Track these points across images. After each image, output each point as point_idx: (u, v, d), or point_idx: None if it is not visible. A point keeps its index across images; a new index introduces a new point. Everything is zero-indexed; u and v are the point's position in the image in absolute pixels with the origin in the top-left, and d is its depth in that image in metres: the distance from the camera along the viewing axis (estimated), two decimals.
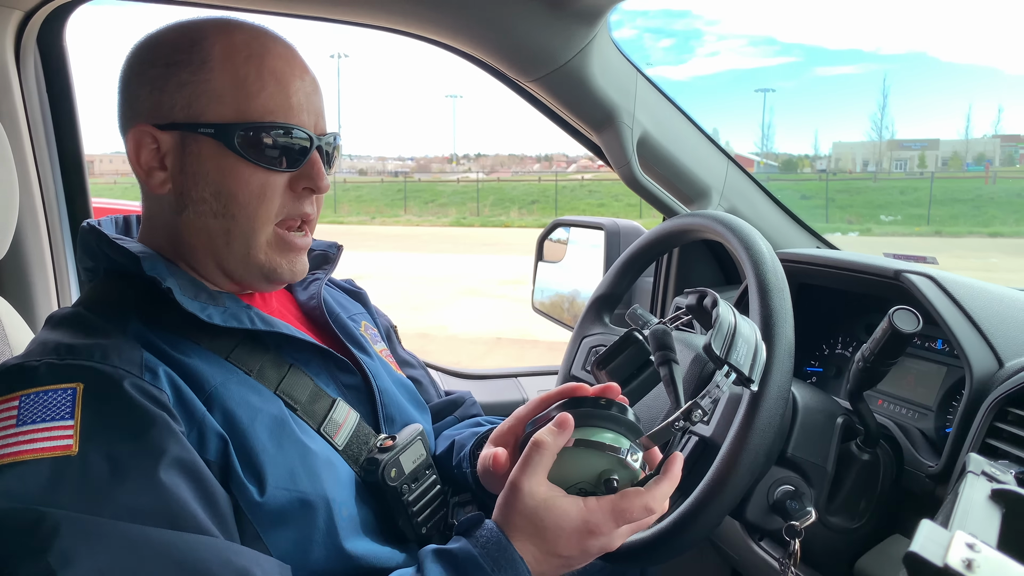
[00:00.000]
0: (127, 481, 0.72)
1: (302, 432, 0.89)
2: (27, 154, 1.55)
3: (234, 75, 0.87)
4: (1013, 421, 0.98)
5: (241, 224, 0.90)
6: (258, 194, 0.89)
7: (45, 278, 1.60)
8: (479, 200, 36.07)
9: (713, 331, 0.87)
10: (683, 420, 0.83)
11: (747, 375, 0.85)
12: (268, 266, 0.93)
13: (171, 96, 0.88)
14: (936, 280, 1.17)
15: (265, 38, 0.91)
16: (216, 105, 0.87)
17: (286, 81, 0.89)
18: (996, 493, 0.59)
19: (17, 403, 0.74)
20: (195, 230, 0.91)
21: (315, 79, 0.95)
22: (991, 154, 47.04)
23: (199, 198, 0.89)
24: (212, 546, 0.73)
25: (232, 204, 0.89)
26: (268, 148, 0.88)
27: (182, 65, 0.88)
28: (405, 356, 1.27)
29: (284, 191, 0.91)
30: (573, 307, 2.04)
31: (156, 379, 0.80)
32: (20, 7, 1.47)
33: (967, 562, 0.43)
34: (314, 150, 0.92)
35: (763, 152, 54.22)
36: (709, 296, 1.01)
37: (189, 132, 0.88)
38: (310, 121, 0.91)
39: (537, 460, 0.80)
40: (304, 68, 0.93)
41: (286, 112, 0.89)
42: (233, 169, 0.88)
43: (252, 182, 0.89)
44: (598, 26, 1.46)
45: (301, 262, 0.96)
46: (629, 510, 0.79)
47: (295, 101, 0.90)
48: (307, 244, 0.96)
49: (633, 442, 0.83)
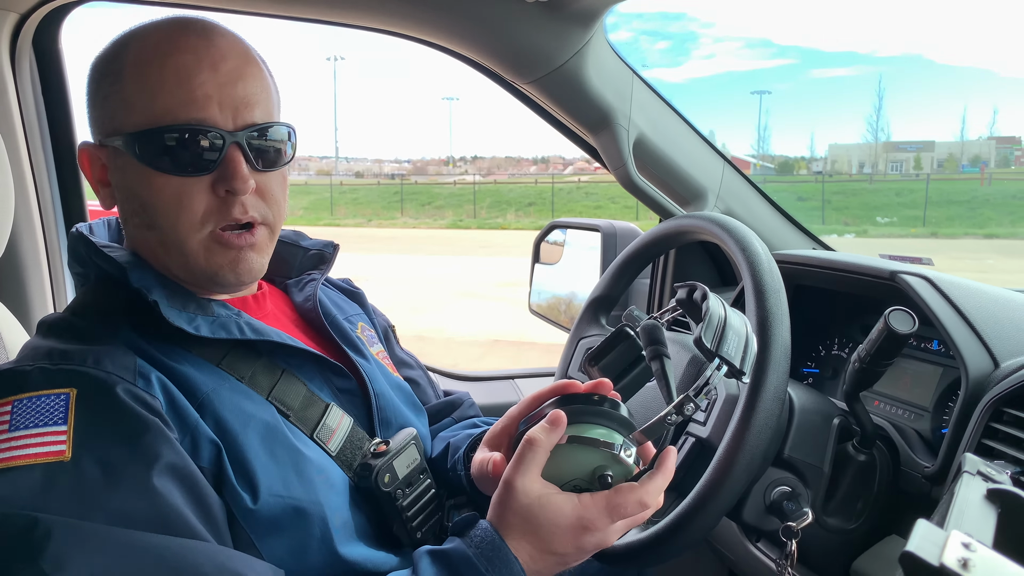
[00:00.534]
0: (120, 486, 0.72)
1: (295, 438, 0.88)
2: (22, 156, 1.55)
3: (141, 79, 0.84)
4: (1009, 421, 0.98)
5: (168, 234, 0.86)
6: (175, 203, 0.85)
7: (40, 281, 1.60)
8: (476, 202, 36.07)
9: (703, 324, 0.88)
10: (675, 414, 0.83)
11: (738, 367, 0.86)
12: (209, 269, 0.88)
13: (100, 111, 0.87)
14: (932, 281, 1.17)
15: (179, 33, 0.85)
16: (128, 114, 0.84)
17: (188, 75, 0.83)
18: (992, 493, 0.59)
19: (10, 408, 0.74)
20: (139, 243, 0.91)
21: (241, 67, 0.86)
22: (986, 156, 47.19)
23: (132, 211, 0.89)
24: (206, 550, 0.72)
25: (155, 215, 0.86)
26: (171, 153, 0.83)
27: (104, 78, 0.87)
28: (403, 356, 1.27)
29: (207, 195, 0.85)
30: (570, 309, 2.04)
31: (149, 385, 0.79)
32: (15, 9, 1.47)
33: (963, 561, 0.43)
34: (229, 147, 0.84)
35: (759, 154, 54.34)
36: (699, 290, 1.02)
37: (113, 146, 0.87)
38: (224, 114, 0.84)
39: (530, 458, 0.80)
40: (220, 57, 0.85)
41: (188, 108, 0.83)
42: (148, 179, 0.85)
43: (166, 191, 0.84)
44: (594, 28, 1.46)
45: (245, 261, 0.89)
46: (623, 505, 0.79)
47: (200, 94, 0.83)
48: (250, 243, 0.89)
49: (626, 437, 0.83)
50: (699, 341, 0.87)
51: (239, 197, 0.86)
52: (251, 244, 0.89)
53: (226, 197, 0.86)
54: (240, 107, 0.86)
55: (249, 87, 0.87)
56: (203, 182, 0.85)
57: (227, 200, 0.86)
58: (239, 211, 0.87)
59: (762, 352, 0.94)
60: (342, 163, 64.17)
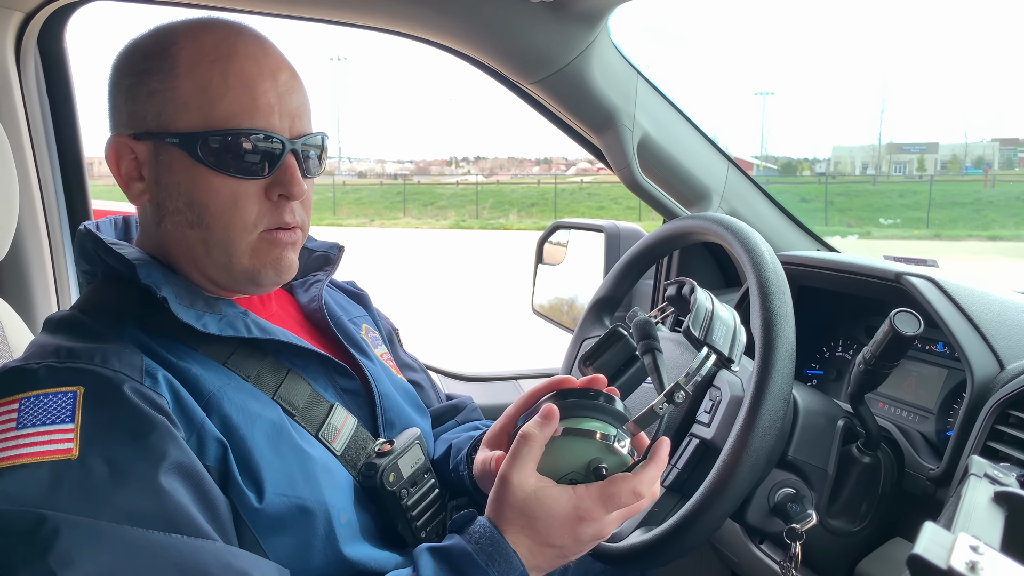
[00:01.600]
0: (127, 485, 0.72)
1: (300, 438, 0.88)
2: (27, 156, 1.55)
3: (199, 80, 0.84)
4: (1014, 424, 0.98)
5: (217, 234, 0.87)
6: (230, 204, 0.86)
7: (45, 280, 1.60)
8: (478, 203, 36.05)
9: (691, 315, 0.90)
10: (666, 402, 0.83)
11: (727, 355, 0.88)
12: (252, 270, 0.90)
13: (143, 105, 0.87)
14: (937, 283, 1.17)
15: (235, 38, 0.87)
16: (183, 113, 0.85)
17: (253, 82, 0.85)
18: (999, 495, 0.59)
19: (17, 406, 0.74)
20: (175, 240, 0.90)
21: (292, 78, 0.90)
22: (990, 157, 47.07)
23: (174, 209, 0.88)
24: (212, 549, 0.73)
25: (205, 214, 0.87)
26: (233, 155, 0.85)
27: (152, 73, 0.86)
28: (406, 359, 1.27)
29: (259, 199, 0.88)
30: (573, 310, 2.04)
31: (156, 384, 0.80)
32: (21, 8, 1.47)
33: (971, 564, 0.43)
34: (287, 154, 0.87)
35: (763, 155, 54.32)
36: (687, 284, 1.03)
37: (160, 142, 0.86)
38: (283, 123, 0.87)
39: (525, 452, 0.81)
40: (278, 67, 0.88)
41: (252, 115, 0.85)
42: (202, 179, 0.86)
43: (222, 191, 0.86)
44: (598, 28, 1.46)
45: (287, 259, 0.92)
46: (618, 495, 0.80)
47: (263, 103, 0.86)
48: (293, 240, 0.92)
49: (620, 429, 0.84)
50: (687, 331, 0.89)
51: (291, 203, 0.89)
52: (294, 242, 0.92)
53: (278, 201, 0.89)
54: (294, 117, 0.89)
55: (301, 98, 0.90)
56: (257, 185, 0.87)
57: (279, 204, 0.89)
58: (290, 216, 0.90)
59: (767, 353, 0.94)
60: (345, 163, 64.21)
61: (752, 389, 0.93)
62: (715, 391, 1.08)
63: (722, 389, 1.07)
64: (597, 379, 0.90)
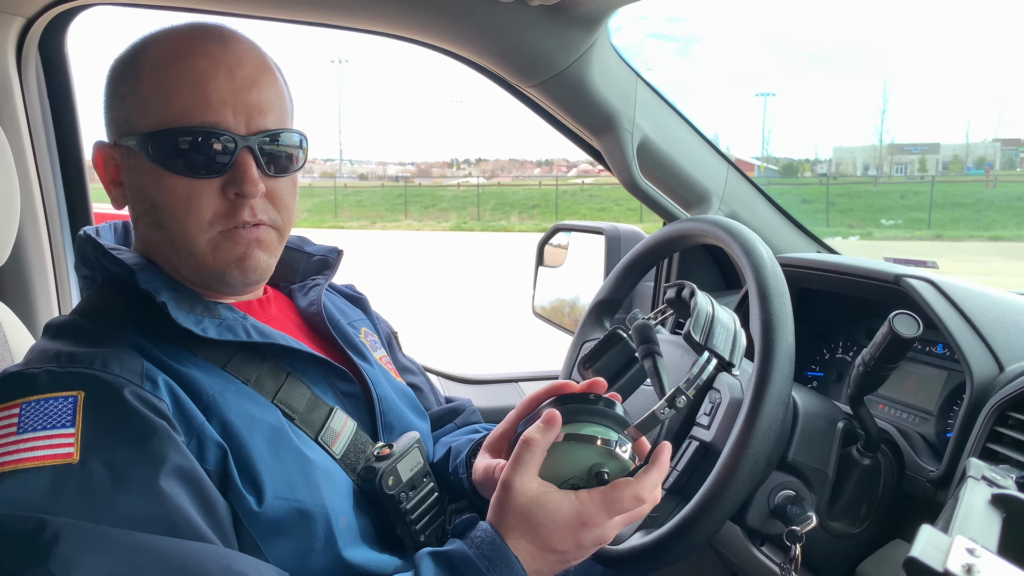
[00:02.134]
0: (128, 489, 0.72)
1: (300, 441, 0.89)
2: (28, 160, 1.55)
3: (158, 81, 0.85)
4: (1014, 426, 0.98)
5: (176, 234, 0.87)
6: (184, 203, 0.86)
7: (46, 284, 1.60)
8: (479, 205, 36.05)
9: (691, 319, 0.89)
10: (667, 407, 0.83)
11: (727, 359, 0.87)
12: (217, 268, 0.89)
13: (116, 112, 0.88)
14: (936, 284, 1.17)
15: (197, 38, 0.87)
16: (143, 115, 0.86)
17: (205, 79, 0.84)
18: (997, 498, 0.59)
19: (18, 411, 0.75)
20: (149, 243, 0.91)
21: (257, 72, 0.88)
22: (991, 158, 46.99)
23: (142, 211, 0.89)
24: (212, 553, 0.73)
25: (164, 215, 0.87)
26: (184, 155, 0.84)
27: (124, 79, 0.88)
28: (405, 363, 1.27)
29: (216, 197, 0.87)
30: (574, 312, 2.04)
31: (156, 388, 0.80)
32: (22, 13, 1.47)
33: (967, 567, 0.43)
34: (240, 151, 0.86)
35: (764, 156, 54.28)
36: (687, 287, 1.03)
37: (127, 146, 0.88)
38: (238, 119, 0.85)
39: (527, 458, 0.81)
40: (237, 62, 0.86)
41: (203, 112, 0.84)
42: (159, 180, 0.86)
43: (177, 191, 0.86)
44: (598, 32, 1.46)
45: (252, 258, 0.90)
46: (620, 500, 0.80)
47: (215, 98, 0.84)
48: (256, 236, 0.90)
49: (621, 434, 0.84)
50: (688, 335, 0.89)
51: (248, 200, 0.87)
52: (257, 239, 0.90)
53: (236, 200, 0.87)
54: (254, 113, 0.87)
55: (263, 94, 0.88)
56: (213, 184, 0.86)
57: (236, 203, 0.87)
58: (248, 214, 0.88)
59: (766, 355, 0.94)
60: (346, 165, 64.24)
61: (752, 391, 0.93)
62: (715, 393, 1.08)
63: (722, 391, 1.07)
64: (597, 383, 0.90)
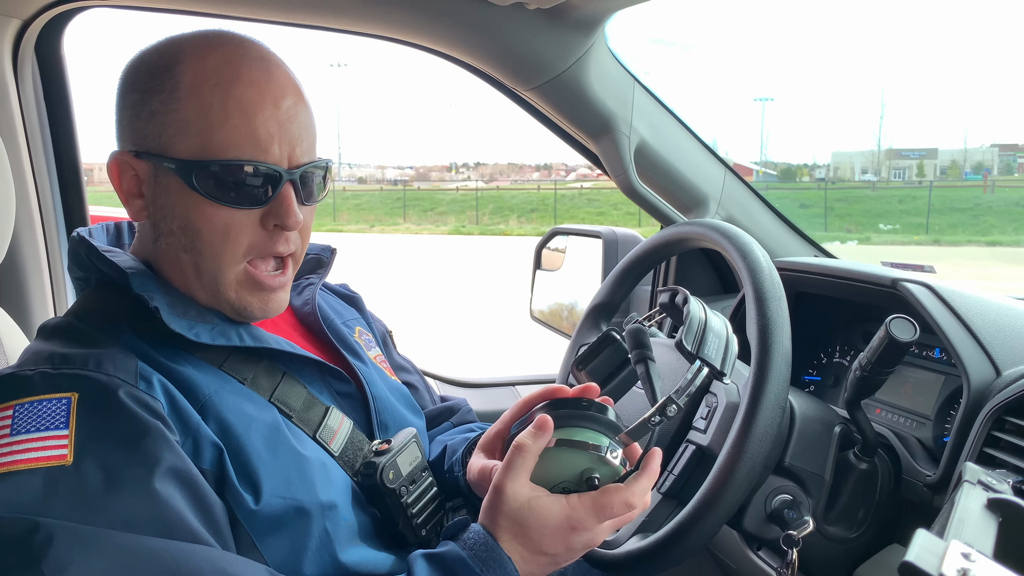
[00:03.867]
0: (122, 491, 0.72)
1: (297, 439, 0.89)
2: (24, 162, 1.55)
3: (200, 105, 0.83)
4: (1011, 430, 0.97)
5: (208, 262, 0.87)
6: (222, 232, 0.86)
7: (42, 286, 1.60)
8: (478, 208, 36.03)
9: (684, 327, 0.90)
10: (658, 415, 0.84)
11: (719, 368, 0.88)
12: (238, 304, 0.90)
13: (145, 125, 0.86)
14: (933, 289, 1.17)
15: (239, 61, 0.85)
16: (182, 137, 0.84)
17: (253, 111, 0.84)
18: (992, 502, 0.59)
19: (11, 413, 0.74)
20: (169, 260, 0.90)
21: (296, 103, 0.88)
22: (989, 163, 47.06)
23: (168, 231, 0.88)
24: (207, 555, 0.73)
25: (198, 240, 0.86)
26: (229, 186, 0.84)
27: (155, 92, 0.85)
28: (400, 361, 1.27)
29: (254, 228, 0.87)
30: (572, 316, 2.04)
31: (151, 388, 0.80)
32: (18, 15, 1.47)
33: (962, 572, 0.43)
34: (284, 185, 0.86)
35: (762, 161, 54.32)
36: (680, 294, 1.03)
37: (158, 164, 0.86)
38: (282, 153, 0.86)
39: (519, 463, 0.81)
40: (281, 93, 0.86)
41: (252, 146, 0.84)
42: (197, 206, 0.85)
43: (216, 220, 0.85)
44: (595, 35, 1.46)
45: (275, 300, 0.91)
46: (610, 506, 0.81)
47: (263, 133, 0.84)
48: (282, 283, 0.92)
49: (612, 439, 0.84)
50: (680, 344, 0.89)
51: (286, 232, 0.88)
52: (282, 286, 0.92)
53: (273, 231, 0.88)
54: (295, 145, 0.87)
55: (303, 125, 0.89)
56: (252, 215, 0.87)
57: (274, 234, 0.88)
58: (283, 246, 0.89)
59: (762, 359, 0.94)
60: (345, 169, 64.23)
61: (748, 395, 0.93)
62: (711, 397, 1.08)
63: (718, 395, 1.07)
64: (590, 388, 0.91)
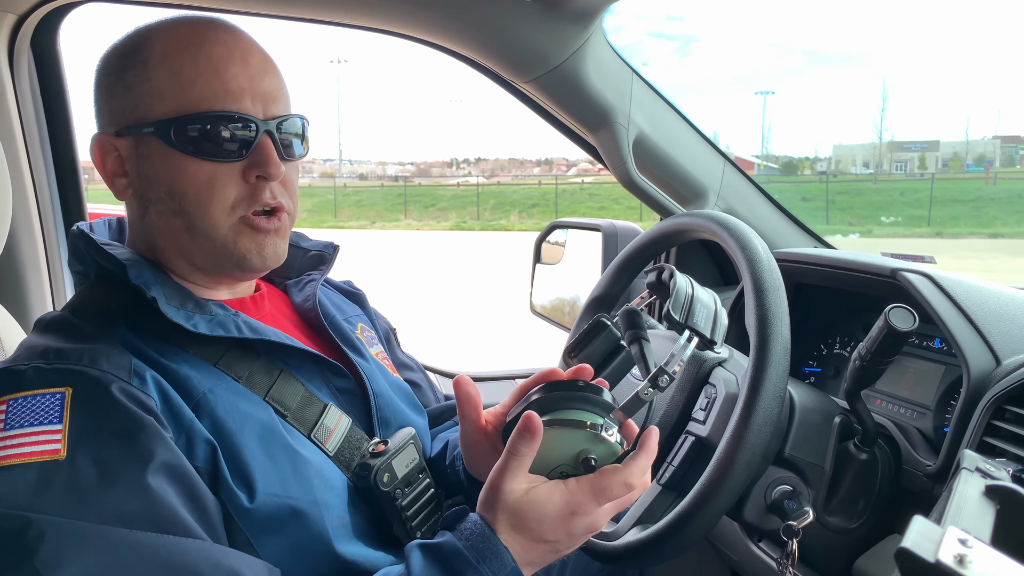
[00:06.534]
0: (116, 486, 0.72)
1: (292, 439, 0.88)
2: (21, 157, 1.55)
3: (171, 69, 0.86)
4: (1011, 419, 0.97)
5: (198, 220, 0.88)
6: (207, 187, 0.87)
7: (39, 281, 1.60)
8: (479, 204, 36.04)
9: (671, 299, 0.90)
10: (651, 387, 0.83)
11: (709, 337, 0.88)
12: (236, 253, 0.90)
13: (121, 101, 0.88)
14: (933, 278, 1.16)
15: (206, 28, 0.89)
16: (157, 103, 0.86)
17: (223, 66, 0.87)
18: (990, 489, 0.59)
19: (5, 407, 0.74)
20: (160, 231, 0.91)
21: (264, 62, 0.91)
22: (991, 155, 46.98)
23: (156, 198, 0.89)
24: (201, 549, 0.72)
25: (184, 201, 0.88)
26: (207, 139, 0.86)
27: (127, 68, 0.88)
28: (404, 359, 1.27)
29: (237, 181, 0.88)
30: (574, 310, 2.03)
31: (144, 384, 0.80)
32: (14, 10, 1.47)
33: (959, 558, 0.43)
34: (262, 135, 0.88)
35: (763, 154, 54.25)
36: (667, 270, 1.03)
37: (138, 134, 0.88)
38: (256, 106, 0.88)
39: (515, 465, 0.79)
40: (248, 51, 0.89)
41: (224, 98, 0.86)
42: (179, 165, 0.87)
43: (199, 176, 0.87)
44: (592, 27, 1.46)
45: (271, 245, 0.92)
46: (609, 487, 0.79)
47: (234, 86, 0.87)
48: (276, 227, 0.92)
49: (607, 418, 0.83)
50: (668, 314, 0.89)
51: (269, 183, 0.89)
52: (277, 228, 0.92)
53: (257, 183, 0.89)
54: (268, 99, 0.90)
55: (274, 82, 0.91)
56: (235, 168, 0.88)
57: (258, 186, 0.89)
58: (268, 196, 0.90)
59: (762, 349, 0.94)
60: (345, 165, 64.19)
61: (747, 386, 0.93)
62: (710, 388, 1.08)
63: (717, 386, 1.07)
64: (582, 369, 0.89)
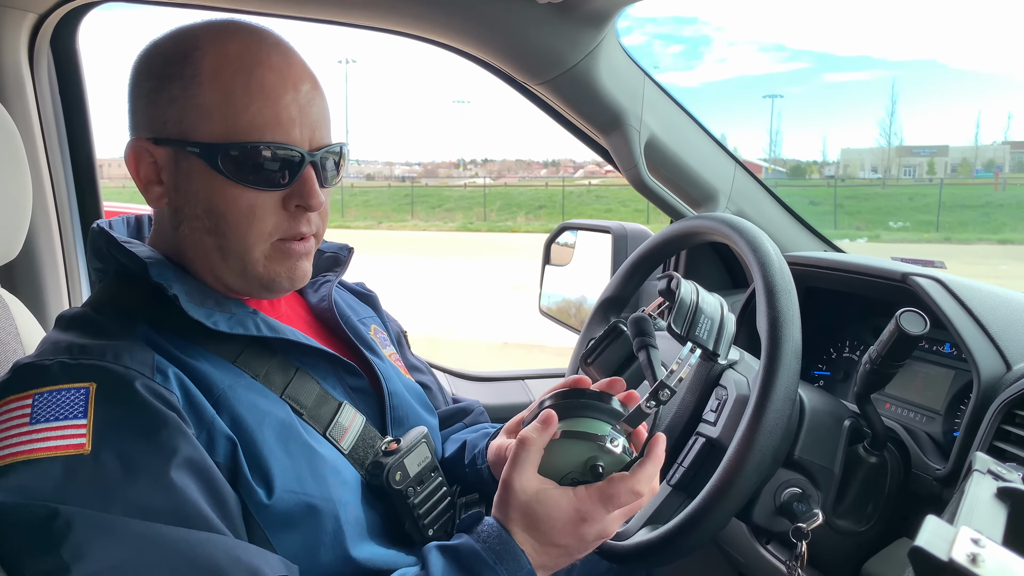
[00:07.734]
0: (139, 480, 0.73)
1: (309, 436, 0.89)
2: (40, 156, 1.56)
3: (222, 90, 0.84)
4: (1021, 424, 0.97)
5: (233, 243, 0.88)
6: (247, 214, 0.87)
7: (57, 278, 1.61)
8: (486, 205, 36.02)
9: (673, 311, 0.90)
10: (653, 401, 0.84)
11: (712, 349, 0.88)
12: (267, 277, 0.90)
13: (163, 111, 0.87)
14: (943, 283, 1.16)
15: (259, 47, 0.87)
16: (204, 122, 0.85)
17: (275, 95, 0.85)
18: (1002, 491, 0.59)
19: (31, 401, 0.75)
20: (191, 244, 0.91)
21: (313, 88, 0.90)
22: (1001, 160, 46.78)
23: (192, 215, 0.89)
24: (222, 544, 0.73)
25: (222, 223, 0.87)
26: (253, 168, 0.85)
27: (174, 79, 0.86)
28: (414, 362, 1.28)
29: (277, 209, 0.88)
30: (581, 312, 2.04)
31: (167, 381, 0.81)
32: (34, 10, 1.48)
33: (972, 557, 0.44)
34: (306, 167, 0.88)
35: (771, 158, 54.06)
36: (674, 279, 1.03)
37: (180, 149, 0.87)
38: (303, 135, 0.88)
39: (524, 456, 0.82)
40: (300, 78, 0.88)
41: (274, 129, 0.85)
42: (221, 189, 0.86)
43: (240, 202, 0.86)
44: (606, 30, 1.46)
45: (301, 268, 0.93)
46: (617, 495, 0.81)
47: (285, 116, 0.86)
48: (307, 250, 0.93)
49: (614, 427, 0.85)
50: (669, 327, 0.89)
51: (308, 213, 0.90)
52: (307, 252, 0.93)
53: (295, 212, 0.89)
54: (315, 129, 0.89)
55: (320, 109, 0.90)
56: (275, 196, 0.88)
57: (296, 215, 0.89)
58: (306, 226, 0.90)
59: (772, 353, 0.94)
60: (353, 165, 64.29)
61: (758, 388, 0.93)
62: (721, 390, 1.08)
63: (728, 388, 1.07)
64: (615, 382, 0.91)
